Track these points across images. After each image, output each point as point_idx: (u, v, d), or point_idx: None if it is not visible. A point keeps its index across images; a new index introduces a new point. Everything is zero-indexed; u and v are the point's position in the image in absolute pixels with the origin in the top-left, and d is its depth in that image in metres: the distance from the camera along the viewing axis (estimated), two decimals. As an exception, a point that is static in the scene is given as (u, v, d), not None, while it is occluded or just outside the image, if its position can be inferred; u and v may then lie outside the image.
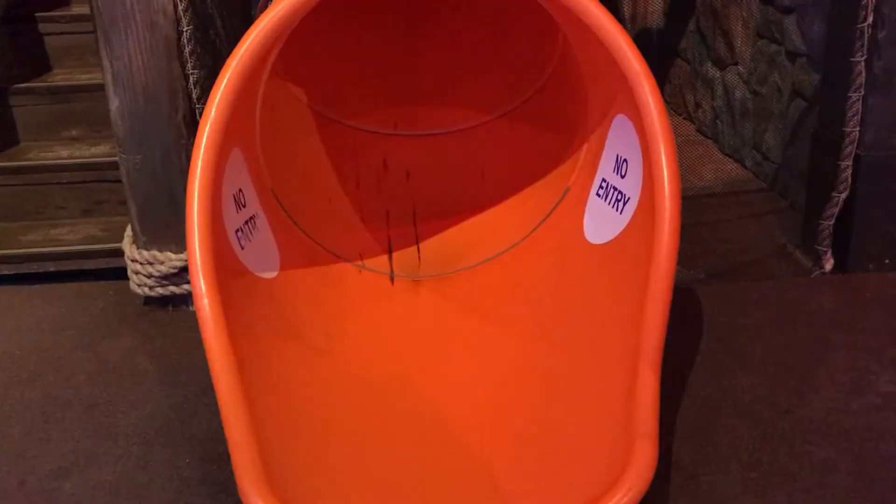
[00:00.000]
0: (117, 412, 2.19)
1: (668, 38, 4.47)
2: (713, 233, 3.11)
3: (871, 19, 2.45)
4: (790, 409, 2.06)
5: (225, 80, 1.90)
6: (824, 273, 2.72)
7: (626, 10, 4.57)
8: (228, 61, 1.93)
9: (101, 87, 2.55)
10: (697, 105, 4.21)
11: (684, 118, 4.37)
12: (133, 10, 2.36)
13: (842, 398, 2.10)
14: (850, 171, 2.61)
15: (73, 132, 3.28)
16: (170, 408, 2.19)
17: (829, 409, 2.06)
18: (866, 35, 2.47)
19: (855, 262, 2.70)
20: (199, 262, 1.78)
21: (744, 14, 3.63)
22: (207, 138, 1.85)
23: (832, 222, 2.68)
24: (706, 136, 4.10)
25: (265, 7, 2.19)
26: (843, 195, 2.64)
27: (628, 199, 2.12)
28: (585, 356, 2.01)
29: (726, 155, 3.85)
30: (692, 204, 3.20)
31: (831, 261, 2.72)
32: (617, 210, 2.17)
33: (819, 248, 2.72)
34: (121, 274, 2.75)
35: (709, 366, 2.25)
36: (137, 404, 2.22)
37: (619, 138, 2.19)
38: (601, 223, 2.26)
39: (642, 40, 4.44)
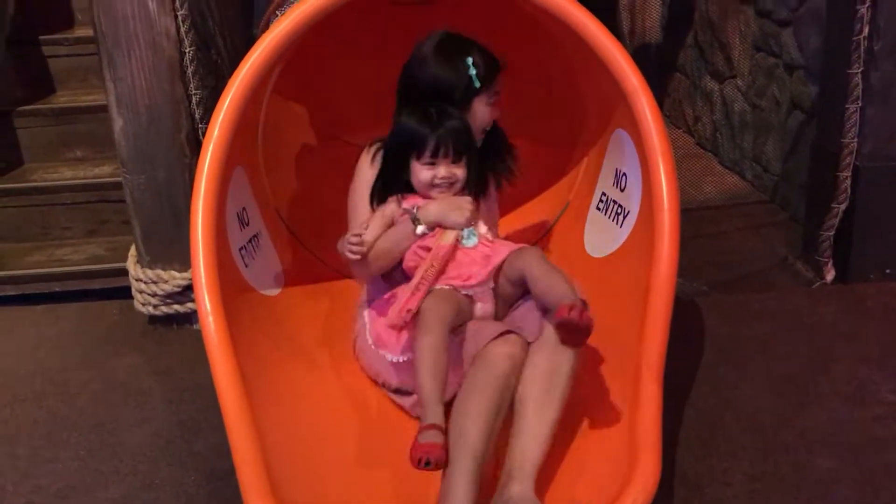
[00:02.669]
0: (123, 431, 2.20)
1: (666, 52, 4.49)
2: (714, 245, 3.12)
3: (866, 31, 2.47)
4: (793, 420, 2.07)
5: (227, 101, 1.93)
6: (825, 284, 2.73)
7: (625, 24, 4.60)
8: (231, 82, 1.95)
9: (104, 108, 2.58)
10: (697, 118, 4.24)
11: (684, 131, 4.39)
12: (136, 32, 2.38)
13: (844, 409, 2.10)
14: (849, 181, 2.62)
15: (78, 153, 3.30)
16: (175, 425, 2.20)
17: (831, 420, 2.06)
18: (862, 47, 2.49)
19: (856, 273, 2.71)
20: (204, 282, 1.80)
21: (741, 27, 3.65)
22: (211, 158, 1.87)
23: (832, 233, 2.69)
24: (706, 149, 4.12)
25: (267, 27, 2.22)
26: (843, 206, 2.65)
27: (628, 212, 2.14)
28: (587, 368, 2.02)
29: (726, 167, 3.87)
30: (693, 217, 3.22)
31: (832, 271, 2.73)
32: (617, 223, 2.19)
33: (820, 258, 2.73)
34: (125, 293, 2.77)
35: (711, 377, 2.26)
36: (143, 423, 2.23)
37: (618, 152, 2.21)
38: (602, 236, 2.28)
39: (641, 54, 4.46)
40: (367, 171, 2.08)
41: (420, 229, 1.90)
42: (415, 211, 1.92)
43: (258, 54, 1.97)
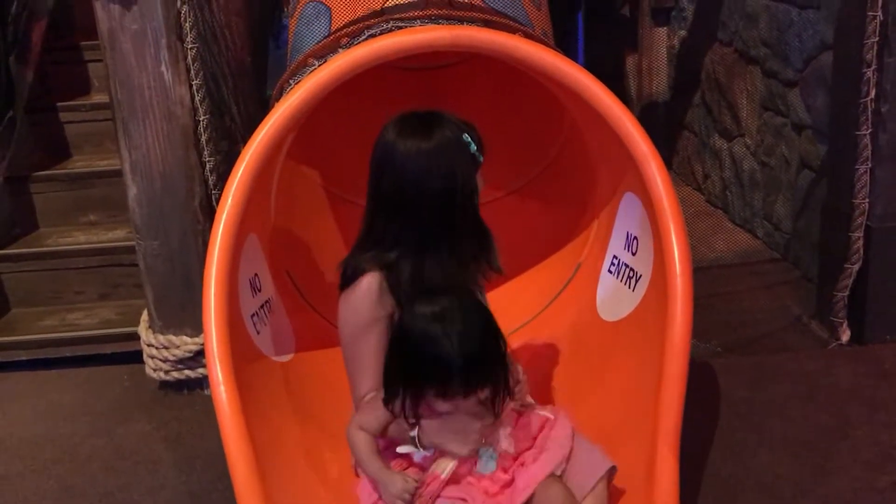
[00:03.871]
0: (132, 501, 2.17)
1: (674, 110, 4.53)
2: (727, 305, 3.09)
3: (873, 94, 2.49)
4: (813, 488, 2.02)
5: (241, 170, 1.94)
6: (841, 345, 2.70)
7: (633, 88, 4.65)
8: (244, 151, 1.97)
9: (118, 173, 2.61)
10: (706, 176, 4.25)
11: (693, 189, 4.39)
12: (152, 101, 2.42)
13: (866, 475, 2.06)
14: (861, 242, 2.61)
15: (91, 217, 3.33)
16: (186, 495, 2.17)
17: (854, 487, 2.02)
18: (870, 109, 2.51)
19: (872, 334, 2.68)
20: (215, 350, 1.79)
21: (748, 87, 3.69)
22: (224, 228, 1.88)
23: (846, 293, 2.67)
24: (716, 207, 4.12)
25: (281, 94, 2.25)
26: (856, 266, 2.63)
27: (640, 276, 2.13)
28: (601, 434, 1.99)
29: (737, 225, 3.86)
30: (705, 275, 3.20)
31: (848, 332, 2.70)
32: (629, 287, 2.18)
33: (835, 319, 2.70)
34: (136, 357, 2.76)
35: (728, 443, 2.22)
36: (153, 492, 2.20)
37: (628, 216, 2.21)
38: (614, 300, 2.27)
39: (649, 113, 4.50)
40: (370, 311, 1.79)
41: (418, 456, 1.69)
42: (415, 435, 1.67)
43: (272, 124, 1.99)
